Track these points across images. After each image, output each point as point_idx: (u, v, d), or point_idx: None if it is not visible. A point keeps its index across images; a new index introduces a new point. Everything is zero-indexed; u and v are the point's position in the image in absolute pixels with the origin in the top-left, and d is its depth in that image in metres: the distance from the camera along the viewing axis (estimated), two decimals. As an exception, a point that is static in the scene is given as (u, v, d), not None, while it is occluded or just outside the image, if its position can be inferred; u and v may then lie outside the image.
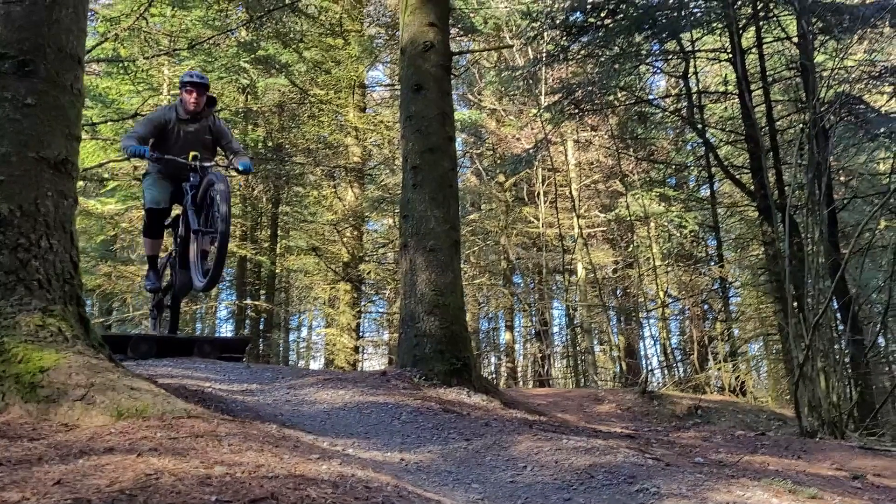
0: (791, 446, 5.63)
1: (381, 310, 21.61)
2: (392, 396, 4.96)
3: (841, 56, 9.48)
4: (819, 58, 10.44)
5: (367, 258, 16.35)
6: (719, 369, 11.68)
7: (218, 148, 6.27)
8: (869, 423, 8.51)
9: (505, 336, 19.73)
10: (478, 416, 4.50)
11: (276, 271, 17.57)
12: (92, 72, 11.69)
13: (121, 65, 10.44)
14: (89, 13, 11.42)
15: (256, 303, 15.43)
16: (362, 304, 16.60)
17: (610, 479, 3.02)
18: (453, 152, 6.93)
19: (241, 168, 5.87)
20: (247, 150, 6.47)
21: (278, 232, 17.44)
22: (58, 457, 2.27)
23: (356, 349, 15.40)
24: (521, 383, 17.71)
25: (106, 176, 11.98)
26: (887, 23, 9.39)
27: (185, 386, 4.16)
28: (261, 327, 17.29)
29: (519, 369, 19.50)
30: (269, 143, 15.04)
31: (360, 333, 16.60)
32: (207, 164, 5.77)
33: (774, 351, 14.23)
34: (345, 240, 15.32)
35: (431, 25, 6.69)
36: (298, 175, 16.01)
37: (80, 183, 12.15)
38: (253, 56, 12.35)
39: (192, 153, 5.65)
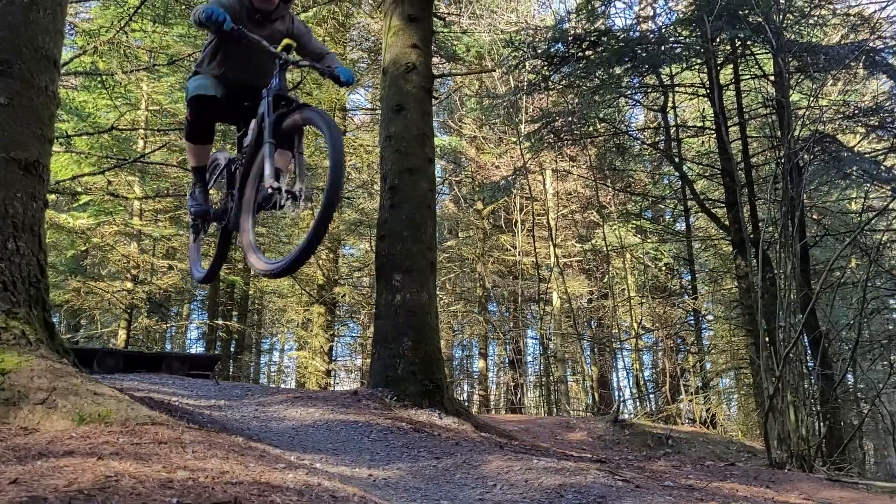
0: (760, 476, 5.63)
1: (354, 334, 21.47)
2: (362, 415, 4.89)
3: (816, 95, 9.70)
4: (794, 96, 10.66)
5: (342, 281, 16.25)
6: (691, 401, 11.71)
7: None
8: (837, 458, 8.56)
9: (478, 364, 19.66)
10: (448, 437, 4.45)
11: (250, 292, 17.40)
12: (69, 85, 11.60)
13: (99, 78, 10.36)
14: (68, 26, 11.38)
15: (228, 323, 15.24)
16: (336, 327, 16.47)
17: (579, 498, 2.99)
18: (432, 174, 6.94)
19: (343, 77, 3.91)
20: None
21: (253, 253, 17.27)
22: (15, 458, 2.19)
23: (328, 373, 15.23)
24: (493, 411, 17.60)
25: (79, 190, 11.83)
26: (861, 64, 9.63)
27: (152, 398, 4.07)
28: (232, 348, 17.07)
29: (491, 397, 19.41)
30: (248, 163, 14.97)
31: (333, 357, 16.46)
32: (304, 62, 3.89)
33: (745, 384, 14.30)
34: (320, 262, 15.23)
35: (414, 47, 6.73)
36: (275, 196, 15.88)
37: (52, 196, 12.01)
38: (234, 75, 12.32)
39: (284, 41, 3.94)
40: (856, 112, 10.56)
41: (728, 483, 4.69)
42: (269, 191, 3.39)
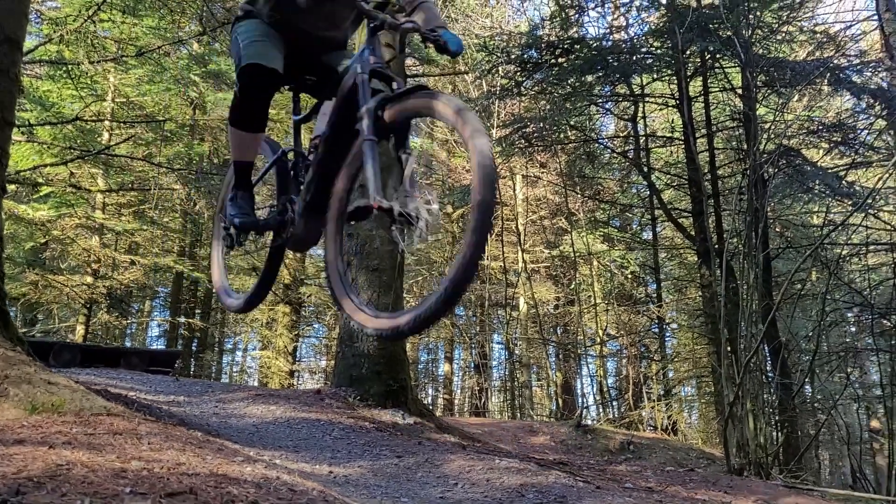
0: (719, 482, 5.69)
1: (319, 335, 21.32)
2: (325, 414, 4.85)
3: (782, 110, 9.87)
4: (761, 110, 10.84)
5: (308, 281, 16.13)
6: (653, 408, 11.81)
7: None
8: (793, 466, 8.70)
9: (444, 367, 19.63)
10: (411, 437, 4.42)
11: (214, 290, 17.18)
12: (34, 73, 11.34)
13: (64, 68, 10.13)
14: (34, 14, 11.15)
15: (191, 321, 15.00)
16: (301, 327, 16.32)
17: (540, 498, 2.99)
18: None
19: (453, 47, 2.62)
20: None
21: (219, 250, 17.05)
22: (-39, 446, 2.12)
23: (291, 373, 15.09)
24: (457, 415, 17.59)
25: (40, 181, 11.57)
26: (826, 81, 9.82)
27: (108, 391, 3.98)
28: (194, 347, 16.83)
29: (456, 401, 19.39)
30: (215, 159, 14.79)
31: (297, 358, 16.30)
32: (408, 23, 2.63)
33: (706, 393, 14.49)
34: (287, 261, 15.09)
35: (388, 46, 6.70)
36: (244, 193, 15.71)
37: (12, 187, 11.73)
38: (204, 70, 12.18)
39: None
40: (820, 127, 10.77)
41: (687, 487, 4.74)
42: (375, 212, 2.29)
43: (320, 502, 2.16)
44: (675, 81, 11.07)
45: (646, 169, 12.01)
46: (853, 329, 14.91)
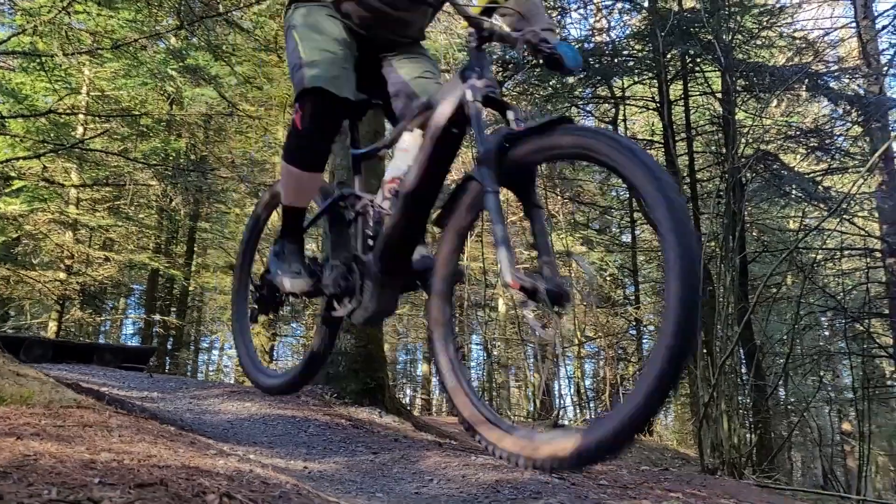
0: (692, 481, 5.72)
1: (297, 335, 21.20)
2: (300, 411, 4.81)
3: (760, 114, 9.97)
4: (740, 115, 10.95)
5: (286, 280, 16.00)
6: (629, 409, 11.85)
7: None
8: (766, 467, 8.79)
9: (422, 368, 19.62)
10: (387, 434, 4.40)
11: (190, 288, 17.02)
12: (6, 65, 11.17)
13: (38, 60, 9.98)
14: (6, 4, 10.96)
15: (166, 318, 14.85)
16: (278, 327, 16.21)
17: (515, 493, 2.98)
18: (382, 170, 6.89)
19: (569, 63, 1.92)
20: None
21: (195, 249, 16.92)
22: (-76, 436, 2.07)
23: (268, 372, 14.96)
24: (434, 415, 17.57)
25: (12, 174, 11.38)
26: (804, 86, 9.93)
27: (79, 384, 3.92)
28: (169, 345, 16.66)
29: (434, 402, 19.37)
30: (192, 156, 14.66)
31: (274, 357, 16.19)
32: (524, 34, 1.96)
33: (681, 395, 14.60)
34: (264, 259, 14.96)
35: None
36: (221, 191, 15.62)
37: (-15, 180, 11.54)
38: (181, 64, 12.04)
39: None
40: (797, 133, 10.89)
41: (661, 485, 4.76)
42: (520, 297, 1.72)
43: (294, 496, 2.13)
44: (656, 84, 11.15)
45: (625, 171, 12.04)
46: (826, 333, 15.09)
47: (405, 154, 2.16)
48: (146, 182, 13.38)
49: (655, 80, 11.06)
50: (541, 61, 1.98)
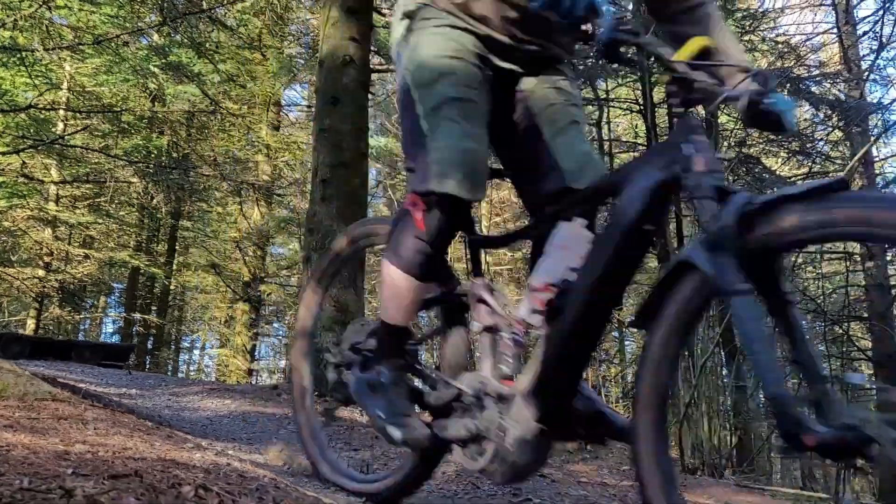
0: (674, 481, 5.75)
1: (279, 335, 21.11)
2: (280, 408, 4.79)
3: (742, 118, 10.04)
4: (723, 118, 11.01)
5: (268, 279, 15.94)
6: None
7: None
8: (745, 467, 8.85)
9: (403, 369, 19.57)
10: (369, 431, 4.38)
11: (171, 287, 16.89)
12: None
13: (17, 54, 9.86)
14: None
15: (146, 317, 14.73)
16: (260, 326, 16.13)
17: (495, 490, 2.98)
18: (365, 169, 6.87)
19: (787, 121, 1.53)
20: None
21: (176, 247, 16.80)
22: None
23: (250, 372, 14.89)
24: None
25: (-9, 170, 11.27)
26: (786, 90, 10.02)
27: (56, 379, 3.87)
28: (149, 344, 16.52)
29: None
30: (174, 153, 14.55)
31: (256, 357, 16.11)
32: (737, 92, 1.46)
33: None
34: (247, 259, 14.90)
35: (352, 40, 6.65)
36: (203, 189, 15.52)
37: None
38: (164, 61, 11.96)
39: (696, 40, 1.45)
40: (779, 137, 10.98)
41: (643, 484, 4.78)
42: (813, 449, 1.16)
43: (271, 489, 2.11)
44: (640, 87, 11.20)
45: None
46: (806, 336, 15.24)
47: (564, 253, 1.66)
48: (127, 179, 13.26)
49: (639, 83, 11.11)
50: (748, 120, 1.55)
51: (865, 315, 11.36)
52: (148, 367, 15.75)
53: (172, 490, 1.74)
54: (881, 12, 9.88)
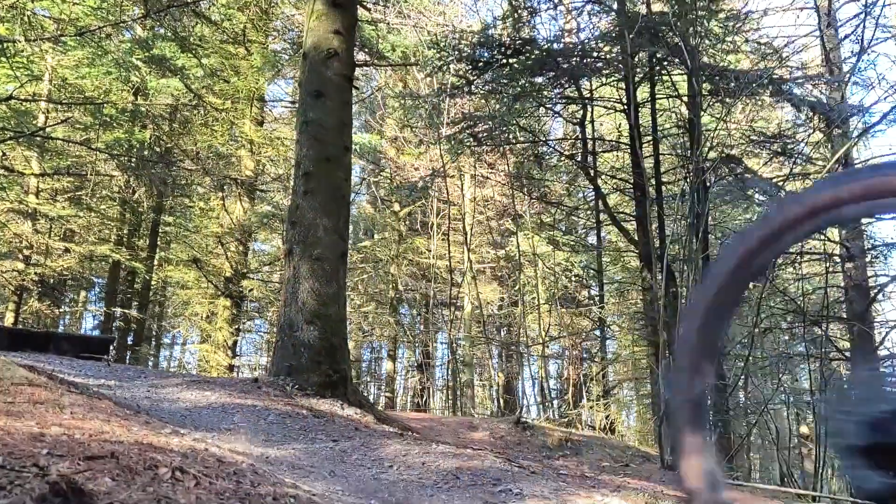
0: (652, 476, 5.79)
1: (261, 331, 21.01)
2: (261, 401, 4.76)
3: (725, 118, 10.11)
4: (705, 119, 11.08)
5: (250, 275, 15.85)
6: (591, 408, 11.96)
7: None
8: (725, 465, 8.92)
9: (387, 366, 19.54)
10: (348, 424, 4.37)
11: (152, 282, 16.75)
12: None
13: None
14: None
15: (127, 311, 14.60)
16: (242, 321, 16.03)
17: (475, 480, 2.98)
18: (348, 164, 6.86)
19: None
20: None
21: (158, 242, 16.66)
22: None
23: (231, 368, 14.80)
24: (398, 411, 17.53)
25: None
26: (768, 91, 10.09)
27: (34, 367, 3.83)
28: (130, 339, 16.37)
29: (398, 400, 19.32)
30: (157, 148, 14.43)
31: (237, 352, 16.01)
32: None
33: (644, 395, 14.77)
34: (229, 254, 14.81)
35: (337, 33, 6.64)
36: (185, 184, 15.41)
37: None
38: (147, 54, 11.87)
39: None
40: (760, 137, 11.07)
41: (620, 478, 4.80)
42: None
43: (250, 474, 2.10)
44: (624, 86, 11.24)
45: (592, 173, 12.15)
46: (786, 336, 15.35)
47: None
48: (109, 173, 13.15)
49: (623, 82, 11.15)
50: None
51: (844, 316, 11.47)
52: (128, 362, 15.61)
53: (149, 471, 1.74)
54: (863, 15, 9.98)
